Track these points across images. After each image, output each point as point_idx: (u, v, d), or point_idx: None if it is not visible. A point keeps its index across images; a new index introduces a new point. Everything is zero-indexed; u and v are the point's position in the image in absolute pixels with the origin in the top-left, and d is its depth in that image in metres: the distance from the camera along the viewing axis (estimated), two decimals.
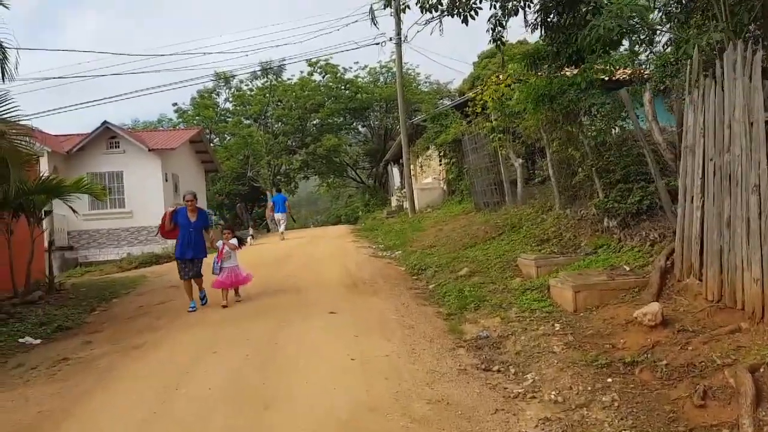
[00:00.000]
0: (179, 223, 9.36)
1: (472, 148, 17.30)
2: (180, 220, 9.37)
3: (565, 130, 10.35)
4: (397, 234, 17.94)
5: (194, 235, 9.34)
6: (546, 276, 8.64)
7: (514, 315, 7.40)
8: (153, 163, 23.18)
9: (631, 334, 6.10)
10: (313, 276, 11.44)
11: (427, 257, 12.58)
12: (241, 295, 9.67)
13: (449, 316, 7.89)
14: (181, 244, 9.30)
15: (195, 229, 9.38)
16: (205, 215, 9.75)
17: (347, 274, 11.42)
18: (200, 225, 9.51)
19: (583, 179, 10.17)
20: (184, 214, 9.42)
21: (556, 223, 10.80)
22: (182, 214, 9.42)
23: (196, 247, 9.34)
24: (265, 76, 37.38)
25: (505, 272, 9.61)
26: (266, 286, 10.43)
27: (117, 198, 23.51)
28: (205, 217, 9.73)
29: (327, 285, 10.29)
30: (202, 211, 9.74)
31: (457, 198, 20.33)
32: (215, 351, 6.63)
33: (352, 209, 44.60)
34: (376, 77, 43.59)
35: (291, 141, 39.47)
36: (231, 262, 9.48)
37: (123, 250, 22.86)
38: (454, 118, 20.60)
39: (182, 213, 9.43)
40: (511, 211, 13.18)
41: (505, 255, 10.39)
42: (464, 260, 11.01)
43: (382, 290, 9.70)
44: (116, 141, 23.64)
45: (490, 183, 16.00)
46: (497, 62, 42.10)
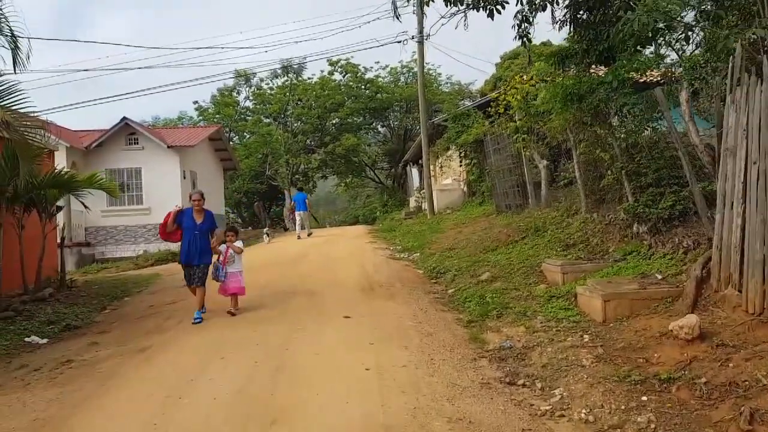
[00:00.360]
0: (183, 225, 8.64)
1: (494, 149, 16.88)
2: (185, 221, 8.65)
3: (593, 130, 9.91)
4: (416, 236, 17.57)
5: (200, 239, 8.61)
6: (572, 283, 8.24)
7: (540, 324, 7.00)
8: (171, 160, 23.05)
9: (665, 347, 5.69)
10: (329, 277, 11.12)
11: (447, 260, 12.21)
12: (239, 309, 8.67)
13: (470, 323, 7.52)
14: (186, 248, 8.60)
15: (201, 232, 8.64)
16: (211, 216, 8.96)
17: (364, 276, 11.08)
18: (207, 227, 8.76)
19: (611, 182, 9.73)
20: (189, 216, 8.69)
21: (583, 228, 10.37)
22: (188, 215, 8.70)
23: (202, 252, 8.62)
24: (286, 75, 37.18)
25: (529, 278, 9.21)
26: (279, 286, 10.15)
27: (135, 195, 23.43)
28: (212, 219, 8.93)
29: (342, 287, 9.96)
30: (209, 213, 8.98)
31: (477, 200, 19.90)
32: (223, 356, 6.33)
33: (370, 209, 44.22)
34: (396, 77, 43.21)
35: (310, 140, 39.22)
36: (236, 267, 8.79)
37: (140, 246, 22.76)
38: (476, 118, 20.17)
39: (188, 214, 8.71)
40: (535, 214, 12.75)
41: (528, 260, 9.99)
42: (485, 264, 10.61)
43: (399, 294, 9.35)
44: (135, 137, 23.56)
45: (512, 185, 15.57)
46: (520, 63, 41.57)
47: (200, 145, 25.36)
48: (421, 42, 21.79)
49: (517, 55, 43.13)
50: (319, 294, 9.49)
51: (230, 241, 8.87)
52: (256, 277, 11.27)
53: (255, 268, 13.14)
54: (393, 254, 14.75)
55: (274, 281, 10.81)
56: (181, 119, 39.19)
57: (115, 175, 23.36)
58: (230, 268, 8.69)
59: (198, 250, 8.57)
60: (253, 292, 9.41)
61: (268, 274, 11.84)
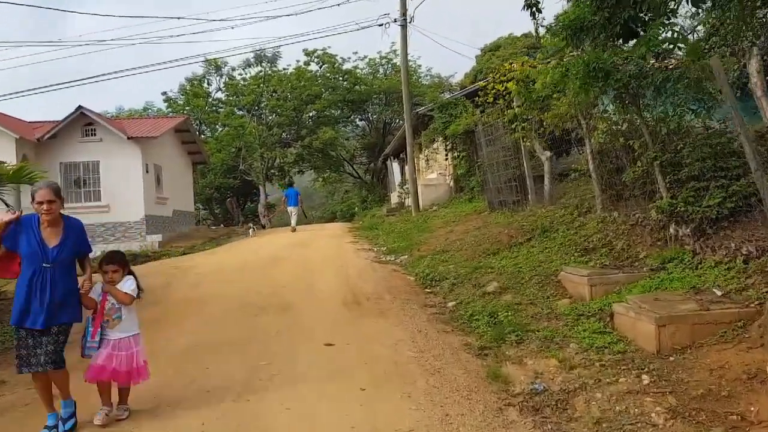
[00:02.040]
0: (20, 250, 4.43)
1: (487, 140, 15.38)
2: (22, 243, 4.42)
3: (619, 113, 8.45)
4: (401, 235, 16.03)
5: (53, 277, 4.36)
6: (604, 298, 6.78)
7: (575, 355, 5.49)
8: (132, 152, 21.15)
9: (762, 397, 4.22)
10: (306, 288, 9.48)
11: (441, 265, 10.68)
12: (129, 408, 4.70)
13: (482, 350, 5.99)
14: (25, 296, 4.35)
15: (56, 265, 4.39)
16: (79, 232, 4.72)
17: (347, 286, 9.49)
18: (68, 255, 4.53)
19: (639, 175, 8.26)
20: (31, 230, 4.43)
21: (602, 229, 8.89)
22: (27, 230, 4.43)
23: (54, 304, 4.36)
24: (259, 64, 35.29)
25: (545, 289, 7.71)
26: (246, 299, 8.48)
27: (92, 190, 21.50)
28: (80, 237, 4.71)
29: (322, 300, 8.35)
30: (72, 225, 4.69)
31: (466, 195, 18.40)
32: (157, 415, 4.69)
33: (348, 205, 42.76)
34: (375, 69, 41.70)
35: (286, 133, 37.45)
36: (122, 330, 4.67)
37: (98, 247, 20.74)
38: (465, 108, 18.68)
39: (27, 227, 4.44)
40: (539, 212, 11.26)
41: (541, 267, 8.48)
42: (489, 271, 9.10)
43: (390, 309, 7.78)
44: (92, 128, 21.61)
45: (507, 179, 14.08)
46: (501, 55, 40.53)
47: (165, 136, 23.48)
48: (404, 26, 20.20)
49: (498, 47, 42.14)
50: (295, 310, 7.86)
51: (111, 281, 4.71)
52: (220, 287, 9.67)
53: (221, 275, 11.51)
54: (378, 257, 13.17)
55: (240, 292, 9.16)
56: (147, 110, 37.00)
57: (70, 169, 21.48)
58: (111, 333, 4.63)
59: (48, 299, 4.33)
60: (213, 308, 7.78)
61: (235, 283, 10.20)
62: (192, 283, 10.46)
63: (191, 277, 11.31)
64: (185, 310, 7.84)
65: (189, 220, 26.06)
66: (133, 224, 21.09)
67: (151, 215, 21.63)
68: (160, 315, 7.64)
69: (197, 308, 8.12)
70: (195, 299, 8.78)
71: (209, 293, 9.11)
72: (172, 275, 11.65)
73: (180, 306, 8.31)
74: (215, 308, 7.88)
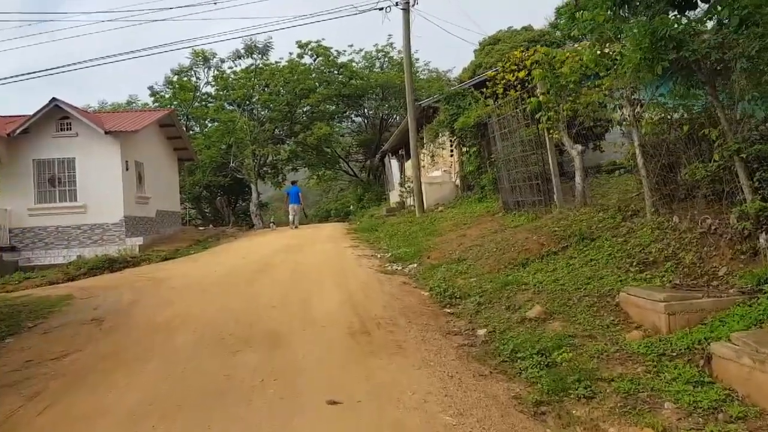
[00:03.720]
0: None
1: (502, 134, 13.81)
2: None
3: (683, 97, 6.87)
4: (406, 238, 14.43)
5: None
6: (687, 331, 5.22)
7: (677, 421, 3.93)
8: (111, 148, 19.41)
9: None
10: (300, 309, 7.82)
11: (459, 277, 9.11)
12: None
13: (539, 407, 4.44)
14: None
15: None
16: None
17: (350, 305, 7.88)
18: None
19: (714, 171, 6.69)
20: None
21: (660, 237, 7.32)
22: None
23: None
24: (250, 55, 33.50)
25: (601, 315, 6.14)
26: (223, 329, 6.80)
27: (68, 190, 19.74)
28: None
29: (321, 329, 6.69)
30: None
31: (475, 195, 16.81)
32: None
33: (343, 204, 41.24)
34: (371, 62, 40.07)
35: (278, 129, 35.68)
36: None
37: (73, 251, 19.12)
38: (475, 98, 17.08)
39: None
40: (570, 214, 9.68)
41: (590, 284, 6.91)
42: (523, 287, 7.52)
43: (408, 341, 6.18)
44: (68, 122, 19.85)
45: (526, 177, 12.51)
46: (501, 49, 39.04)
47: (148, 131, 21.75)
48: (407, 9, 18.56)
49: (498, 41, 40.60)
50: (285, 344, 6.19)
51: None
52: (196, 307, 8.05)
53: (199, 289, 9.86)
54: (383, 265, 11.56)
55: (219, 316, 7.52)
56: (130, 104, 35.10)
57: (44, 167, 19.75)
58: None
59: None
60: (182, 340, 6.14)
61: (215, 301, 8.58)
62: (164, 300, 8.83)
63: (164, 291, 9.68)
64: (147, 343, 6.23)
65: (174, 221, 24.34)
66: (112, 226, 19.38)
67: (132, 216, 19.94)
68: (114, 351, 6.03)
69: (163, 341, 6.47)
70: (162, 326, 7.14)
71: (182, 316, 7.47)
72: (142, 289, 10.04)
73: (142, 337, 6.68)
74: (185, 340, 6.26)
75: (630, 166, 8.99)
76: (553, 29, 37.81)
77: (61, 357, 6.31)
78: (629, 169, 9.10)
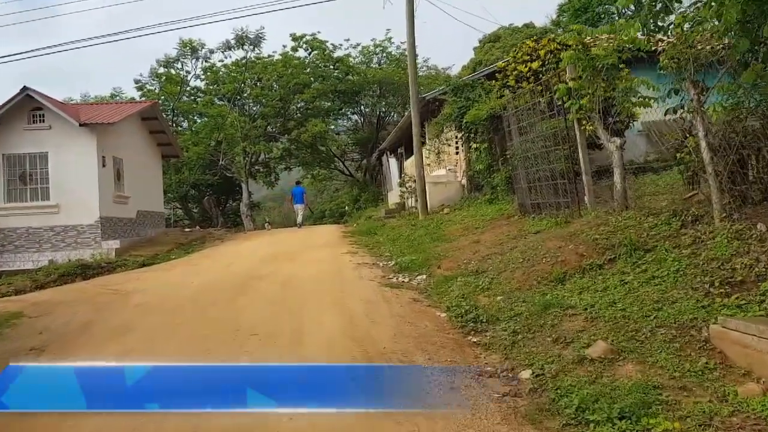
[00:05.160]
0: None
1: (519, 128, 12.32)
2: None
3: None
4: (411, 244, 12.92)
5: None
6: None
7: None
8: (86, 141, 17.77)
9: None
10: (289, 341, 6.18)
11: (481, 293, 7.61)
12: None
13: None
14: None
15: None
16: None
17: (352, 333, 6.32)
18: None
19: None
20: None
21: (743, 249, 5.81)
22: None
23: None
24: (241, 47, 31.86)
25: (689, 356, 4.64)
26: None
27: (40, 188, 18.10)
28: None
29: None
30: None
31: (485, 195, 15.31)
32: None
33: (338, 204, 39.81)
34: (369, 57, 38.65)
35: (271, 126, 34.11)
36: None
37: (45, 255, 17.50)
38: (483, 89, 15.62)
39: None
40: (612, 220, 8.14)
41: (661, 310, 5.40)
42: (570, 312, 6.00)
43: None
44: (41, 114, 18.23)
45: (549, 175, 11.02)
46: (501, 46, 37.70)
47: (128, 125, 20.15)
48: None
49: (498, 37, 39.34)
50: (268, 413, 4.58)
51: None
52: (159, 335, 6.50)
53: (168, 307, 8.27)
54: (387, 276, 10.02)
55: (182, 348, 5.94)
56: (115, 97, 33.37)
57: (14, 162, 18.13)
58: None
59: None
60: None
61: (185, 324, 7.01)
62: (122, 324, 7.23)
63: (127, 311, 8.10)
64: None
65: (157, 222, 22.69)
66: (87, 228, 17.74)
67: (109, 217, 18.31)
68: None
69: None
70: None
71: (138, 350, 5.89)
72: (103, 306, 8.48)
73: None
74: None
75: (689, 163, 7.50)
76: (556, 26, 36.65)
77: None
78: (689, 165, 7.58)
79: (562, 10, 36.22)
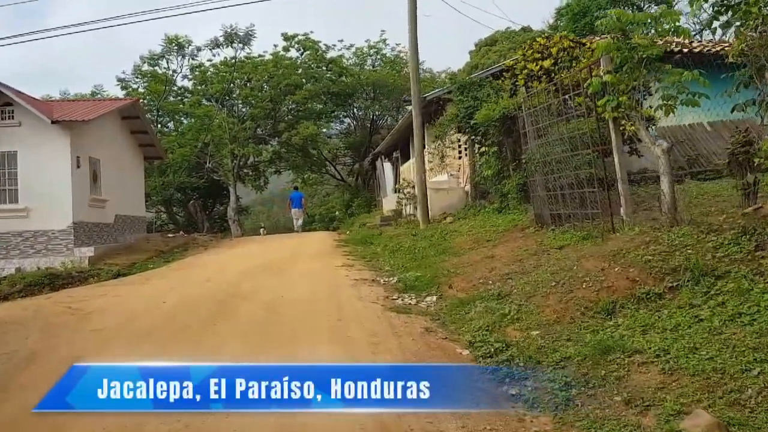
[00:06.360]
0: None
1: (535, 129, 11.09)
2: None
3: None
4: (414, 257, 11.63)
5: None
6: None
7: None
8: (59, 140, 16.32)
9: None
10: None
11: (509, 324, 6.33)
12: None
13: None
14: None
15: None
16: None
17: None
18: None
19: None
20: None
21: None
22: None
23: None
24: (230, 44, 30.47)
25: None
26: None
27: (8, 189, 16.60)
28: None
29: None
30: None
31: (492, 204, 14.06)
32: None
33: (328, 209, 38.52)
34: (363, 59, 37.47)
35: (261, 128, 32.75)
36: None
37: (13, 263, 16.03)
38: (492, 88, 14.39)
39: None
40: (664, 237, 6.87)
41: (759, 362, 4.12)
42: (637, 358, 4.72)
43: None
44: (11, 110, 16.76)
45: (574, 183, 9.79)
46: (498, 50, 36.71)
47: (106, 123, 18.70)
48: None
49: (495, 41, 38.37)
50: None
51: None
52: None
53: (130, 336, 6.87)
54: (390, 296, 8.69)
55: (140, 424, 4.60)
56: (95, 94, 31.82)
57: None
58: None
59: None
60: None
61: (146, 360, 5.67)
62: (70, 356, 5.86)
63: (81, 338, 6.72)
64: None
65: (138, 227, 21.21)
66: (58, 233, 16.28)
67: (83, 222, 16.85)
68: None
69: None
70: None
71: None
72: (56, 331, 7.10)
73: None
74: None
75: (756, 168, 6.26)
76: (553, 30, 35.71)
77: None
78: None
79: (559, 15, 35.26)
